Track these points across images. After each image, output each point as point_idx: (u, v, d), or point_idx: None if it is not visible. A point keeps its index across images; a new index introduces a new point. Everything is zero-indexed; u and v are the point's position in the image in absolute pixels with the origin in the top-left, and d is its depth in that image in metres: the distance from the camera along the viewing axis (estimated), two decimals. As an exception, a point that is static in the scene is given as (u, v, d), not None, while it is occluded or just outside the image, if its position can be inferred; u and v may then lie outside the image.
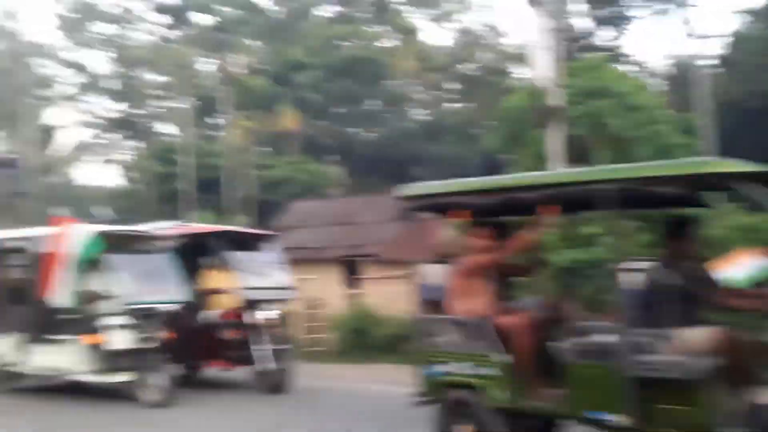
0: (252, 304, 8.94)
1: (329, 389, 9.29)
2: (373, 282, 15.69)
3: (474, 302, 5.18)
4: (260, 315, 8.89)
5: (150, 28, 36.51)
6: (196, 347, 9.15)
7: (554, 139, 11.63)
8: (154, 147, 31.79)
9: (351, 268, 16.90)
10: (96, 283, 8.37)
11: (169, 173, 29.27)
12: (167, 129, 37.78)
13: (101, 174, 75.44)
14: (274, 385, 8.74)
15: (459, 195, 5.41)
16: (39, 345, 8.67)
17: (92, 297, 8.29)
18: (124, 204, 31.50)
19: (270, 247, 9.95)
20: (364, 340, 12.88)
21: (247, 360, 8.90)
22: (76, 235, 8.40)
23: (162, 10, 35.17)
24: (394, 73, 35.15)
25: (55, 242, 8.49)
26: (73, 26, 36.24)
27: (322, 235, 17.04)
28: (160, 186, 29.20)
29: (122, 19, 37.27)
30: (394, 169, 30.95)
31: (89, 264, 8.35)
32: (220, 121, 35.71)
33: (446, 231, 15.12)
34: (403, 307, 12.28)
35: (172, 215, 27.42)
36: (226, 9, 37.48)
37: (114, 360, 8.11)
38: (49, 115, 37.25)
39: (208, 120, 38.16)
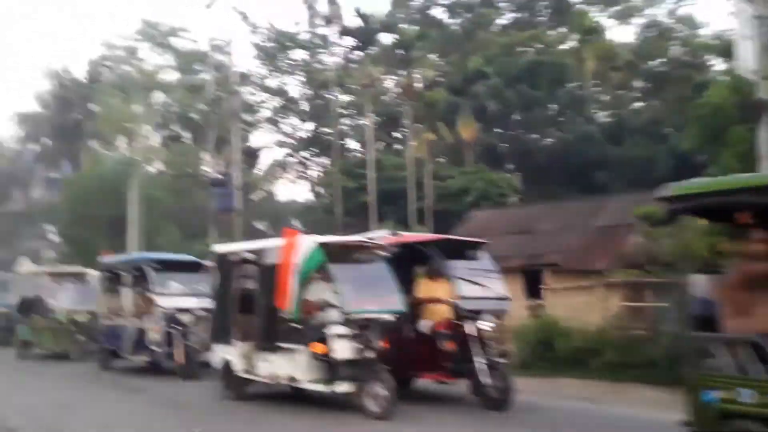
0: (469, 315, 8.63)
1: (548, 407, 8.87)
2: (556, 292, 15.43)
3: (755, 318, 4.61)
4: (478, 326, 8.51)
5: (336, 51, 38.94)
6: (412, 358, 8.99)
7: (763, 137, 10.70)
8: (341, 163, 33.81)
9: (532, 277, 16.69)
10: (318, 293, 8.54)
11: (355, 187, 31.06)
12: (353, 145, 40.05)
13: (295, 190, 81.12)
14: (496, 401, 8.30)
15: (737, 193, 4.77)
16: (268, 353, 8.96)
17: (315, 307, 8.49)
18: (313, 218, 33.79)
19: (481, 255, 9.61)
20: (549, 353, 12.35)
21: (464, 373, 8.60)
22: (301, 247, 8.51)
23: (347, 33, 37.38)
24: (575, 76, 34.23)
25: (284, 253, 8.59)
26: (268, 54, 39.66)
27: (501, 245, 16.59)
28: (346, 200, 31.04)
29: (311, 44, 40.11)
30: (575, 175, 30.11)
31: (311, 274, 8.51)
32: (403, 135, 37.16)
33: (637, 237, 14.43)
34: (590, 318, 12.04)
35: (357, 228, 29.15)
36: (406, 26, 38.93)
37: (337, 369, 8.15)
38: (252, 138, 41.18)
39: (393, 134, 39.91)
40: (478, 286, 8.95)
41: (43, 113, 41.22)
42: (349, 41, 38.17)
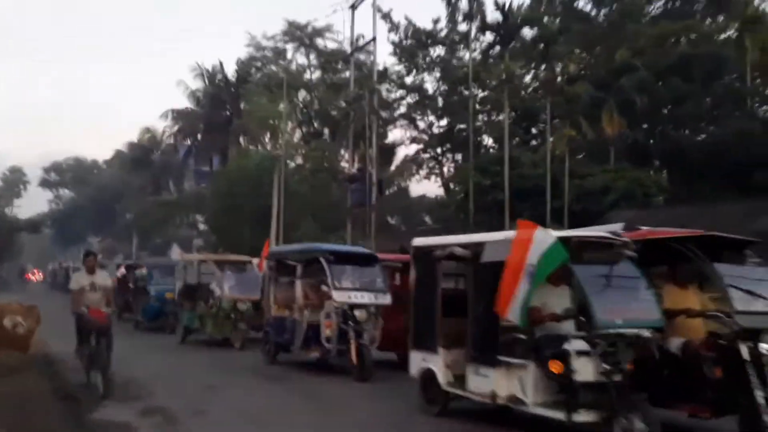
0: (748, 333, 6.62)
1: None
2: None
3: None
4: (761, 349, 6.57)
5: (475, 46, 38.50)
6: (663, 384, 7.09)
7: None
8: (475, 159, 33.41)
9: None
10: (548, 299, 7.23)
11: (489, 184, 30.54)
12: (488, 141, 39.49)
13: (427, 186, 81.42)
14: None
15: None
16: (484, 366, 7.62)
17: (550, 316, 7.15)
18: (444, 214, 33.62)
19: (749, 257, 7.76)
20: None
21: (732, 408, 6.66)
22: (538, 242, 7.00)
23: (487, 28, 36.83)
24: (734, 68, 31.61)
25: (516, 250, 7.15)
26: (407, 52, 39.97)
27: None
28: (479, 197, 30.60)
29: (450, 40, 39.95)
30: (731, 175, 27.74)
31: (547, 276, 7.06)
32: (540, 131, 36.12)
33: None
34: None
35: (489, 225, 28.67)
36: (548, 19, 37.76)
37: (577, 393, 6.67)
38: (389, 134, 41.78)
39: (530, 130, 38.92)
40: (759, 298, 6.91)
41: (196, 110, 44.10)
42: (489, 37, 37.59)
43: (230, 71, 43.51)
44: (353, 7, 30.73)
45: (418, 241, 9.30)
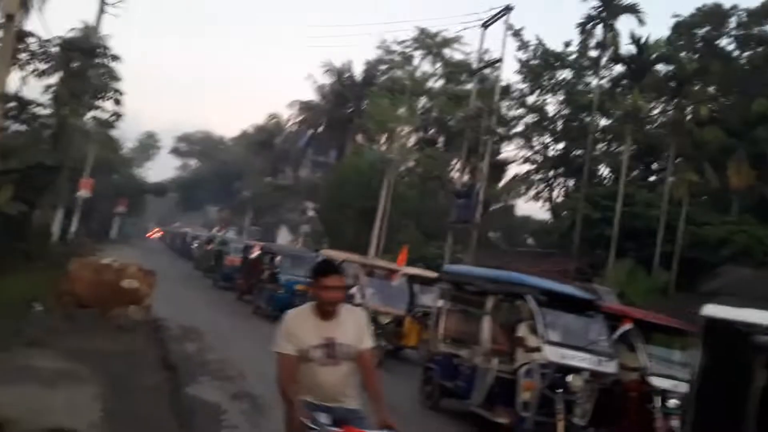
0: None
1: None
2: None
3: None
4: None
5: (603, 74, 37.65)
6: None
7: None
8: (587, 189, 32.77)
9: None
10: None
11: (598, 218, 29.90)
12: (603, 172, 38.51)
13: (533, 207, 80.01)
14: None
15: None
16: None
17: None
18: (547, 239, 33.17)
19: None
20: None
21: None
22: None
23: (619, 60, 35.97)
24: None
25: None
26: (532, 71, 39.67)
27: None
28: (586, 228, 30.05)
29: (579, 65, 39.27)
30: None
31: None
32: (661, 169, 34.85)
33: None
34: None
35: (591, 260, 28.11)
36: (685, 55, 36.29)
37: None
38: (502, 150, 41.66)
39: (650, 167, 37.61)
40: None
41: (321, 104, 45.88)
42: (619, 68, 36.64)
43: (358, 71, 44.95)
44: (485, 26, 30.87)
45: (711, 310, 6.53)
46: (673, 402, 8.76)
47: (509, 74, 65.12)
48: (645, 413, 8.90)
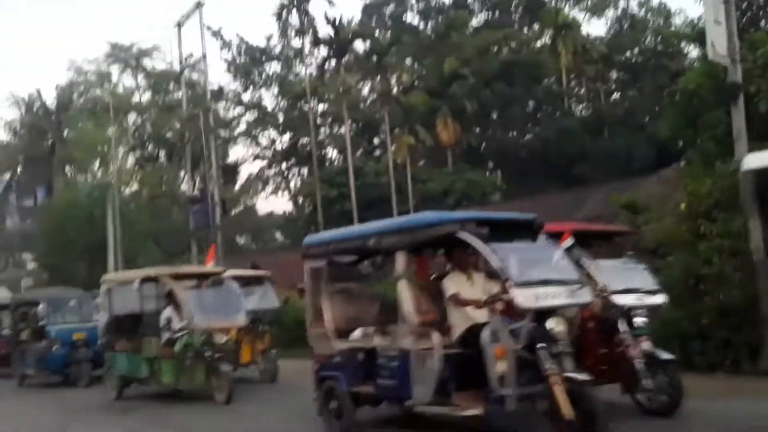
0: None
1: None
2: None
3: None
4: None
5: (310, 61, 38.59)
6: None
7: (738, 118, 10.58)
8: (321, 172, 33.42)
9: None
10: None
11: (336, 196, 30.67)
12: (332, 154, 39.69)
13: (275, 203, 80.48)
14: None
15: None
16: None
17: None
18: (293, 229, 33.31)
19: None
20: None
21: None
22: None
23: (320, 42, 37.07)
24: (551, 72, 34.16)
25: None
26: (241, 69, 39.28)
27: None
28: (327, 209, 30.61)
29: (285, 56, 39.79)
30: (556, 169, 29.94)
31: None
32: (382, 140, 36.88)
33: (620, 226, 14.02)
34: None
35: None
36: (379, 33, 38.72)
37: None
38: (230, 152, 40.72)
39: (372, 141, 39.59)
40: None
41: (13, 142, 40.52)
42: (323, 51, 37.87)
43: (50, 98, 40.47)
44: (179, 25, 29.50)
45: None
46: (640, 320, 7.05)
47: (219, 76, 64.02)
48: (609, 344, 7.08)
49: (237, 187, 39.89)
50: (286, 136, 40.26)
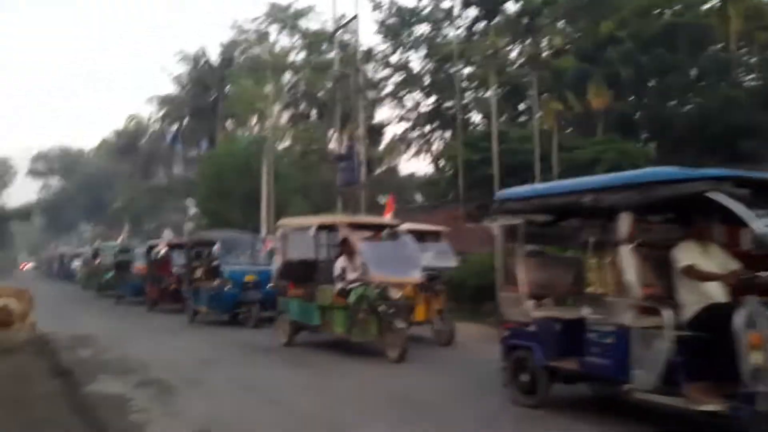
0: None
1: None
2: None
3: None
4: None
5: (459, 23, 38.39)
6: None
7: None
8: (464, 136, 33.49)
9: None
10: None
11: (478, 160, 30.64)
12: (476, 118, 39.55)
13: (417, 164, 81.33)
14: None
15: None
16: None
17: None
18: (434, 191, 33.74)
19: None
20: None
21: None
22: None
23: (470, 3, 36.71)
24: (718, 38, 31.69)
25: None
26: (391, 31, 39.85)
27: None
28: (468, 173, 30.71)
29: (434, 18, 39.84)
30: (718, 144, 27.99)
31: None
32: (528, 106, 36.21)
33: None
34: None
35: (476, 201, 28.82)
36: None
37: None
38: (376, 114, 41.78)
39: (518, 106, 38.95)
40: None
41: (181, 95, 43.92)
42: (472, 12, 37.46)
43: (214, 55, 43.35)
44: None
45: None
46: None
47: (371, 38, 64.96)
48: None
49: (381, 147, 40.90)
50: (431, 99, 40.57)
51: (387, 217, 14.33)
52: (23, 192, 71.93)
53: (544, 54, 33.26)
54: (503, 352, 7.19)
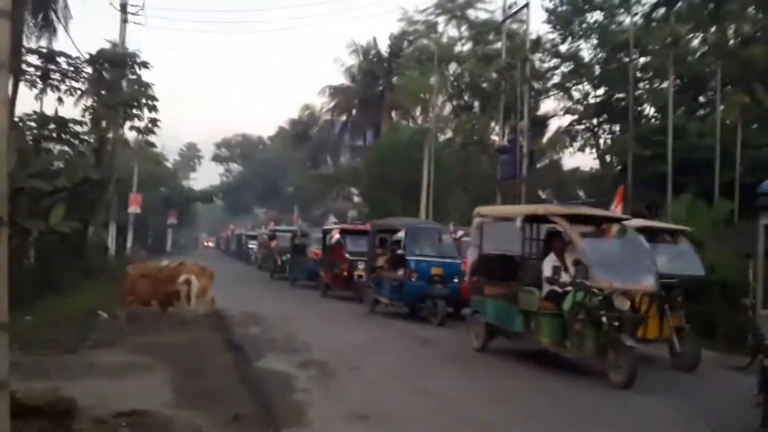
0: None
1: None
2: None
3: None
4: None
5: (635, 9, 36.22)
6: None
7: None
8: (634, 130, 31.72)
9: None
10: None
11: (649, 156, 28.86)
12: (649, 111, 37.23)
13: (580, 159, 78.34)
14: None
15: None
16: None
17: None
18: (599, 187, 32.34)
19: None
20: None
21: None
22: None
23: (648, -11, 34.53)
24: None
25: None
26: (561, 19, 38.54)
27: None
28: (638, 169, 29.07)
29: (609, 4, 37.95)
30: None
31: None
32: (709, 99, 33.49)
33: None
34: None
35: (649, 200, 27.27)
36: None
37: None
38: (541, 105, 40.73)
39: (697, 99, 36.12)
40: None
41: (351, 86, 45.59)
42: (652, -1, 35.18)
43: (383, 46, 44.52)
44: (504, -24, 30.09)
45: None
46: None
47: (539, 27, 63.35)
48: None
49: (544, 140, 39.86)
50: (600, 90, 38.76)
51: (616, 211, 12.13)
52: (208, 176, 78.88)
53: (731, 42, 30.51)
54: (761, 385, 5.85)
